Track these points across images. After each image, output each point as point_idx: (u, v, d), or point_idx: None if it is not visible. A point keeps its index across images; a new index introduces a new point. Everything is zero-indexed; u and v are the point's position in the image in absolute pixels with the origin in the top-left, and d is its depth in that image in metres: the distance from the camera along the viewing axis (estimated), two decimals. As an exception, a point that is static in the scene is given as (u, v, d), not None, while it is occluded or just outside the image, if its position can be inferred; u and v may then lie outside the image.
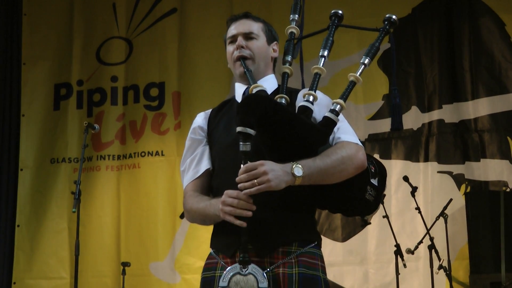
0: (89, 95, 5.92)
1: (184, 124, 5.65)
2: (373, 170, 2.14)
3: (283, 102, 2.15)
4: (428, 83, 5.43)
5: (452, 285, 4.64)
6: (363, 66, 2.19)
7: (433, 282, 4.64)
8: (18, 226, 5.69)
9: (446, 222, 4.76)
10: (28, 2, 6.07)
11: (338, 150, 2.06)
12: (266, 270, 2.02)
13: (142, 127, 5.81)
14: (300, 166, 1.98)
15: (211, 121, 2.32)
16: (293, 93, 2.22)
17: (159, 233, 5.57)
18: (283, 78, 2.23)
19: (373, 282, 5.22)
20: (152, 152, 5.74)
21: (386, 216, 4.80)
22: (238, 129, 1.96)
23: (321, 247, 2.16)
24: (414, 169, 5.29)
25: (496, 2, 5.40)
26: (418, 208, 4.80)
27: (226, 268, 2.02)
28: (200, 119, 2.34)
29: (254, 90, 2.17)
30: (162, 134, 5.78)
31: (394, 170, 5.29)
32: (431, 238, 4.68)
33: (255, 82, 2.21)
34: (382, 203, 4.78)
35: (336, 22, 2.29)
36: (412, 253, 4.70)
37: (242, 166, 1.97)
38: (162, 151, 5.72)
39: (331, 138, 2.12)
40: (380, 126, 5.41)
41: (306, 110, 2.11)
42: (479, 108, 5.31)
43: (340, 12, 2.30)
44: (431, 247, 4.65)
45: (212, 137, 2.28)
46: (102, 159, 5.79)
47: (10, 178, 5.81)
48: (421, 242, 4.74)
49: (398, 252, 4.71)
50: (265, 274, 1.98)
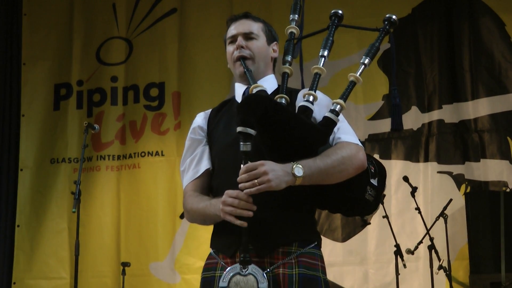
0: (89, 95, 5.92)
1: (184, 124, 5.65)
2: (372, 170, 2.14)
3: (283, 102, 2.15)
4: (428, 83, 5.43)
5: (452, 285, 4.63)
6: (363, 66, 2.19)
7: (433, 282, 4.63)
8: (18, 226, 5.69)
9: (446, 222, 4.76)
10: (28, 2, 6.06)
11: (338, 150, 2.06)
12: (266, 271, 2.02)
13: (142, 127, 5.81)
14: (300, 166, 1.98)
15: (211, 121, 2.31)
16: (293, 93, 2.22)
17: (159, 233, 5.57)
18: (283, 78, 2.23)
19: (373, 282, 5.22)
20: (152, 152, 5.74)
21: (386, 216, 4.80)
22: (239, 129, 1.95)
23: (321, 247, 2.16)
24: (414, 169, 5.29)
25: (496, 2, 5.40)
26: (418, 208, 4.80)
27: (226, 268, 2.02)
28: (199, 119, 2.33)
29: (254, 90, 2.17)
30: (162, 134, 5.78)
31: (394, 170, 5.29)
32: (431, 238, 4.67)
33: (255, 82, 2.21)
34: (382, 203, 4.77)
35: (336, 22, 2.29)
36: (412, 253, 4.70)
37: (242, 166, 1.96)
38: (162, 151, 5.72)
39: (331, 138, 2.12)
40: (380, 126, 5.41)
41: (306, 110, 2.10)
42: (479, 108, 5.30)
43: (340, 12, 2.30)
44: (431, 247, 4.65)
45: (212, 137, 2.28)
46: (102, 159, 5.79)
47: (10, 178, 5.81)
48: (421, 242, 4.73)
49: (398, 252, 4.70)
50: (265, 275, 1.98)
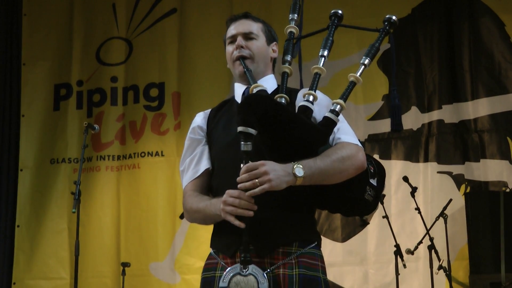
0: (89, 96, 5.92)
1: (184, 124, 5.65)
2: (372, 170, 2.14)
3: (283, 101, 2.15)
4: (428, 84, 5.43)
5: (452, 285, 4.63)
6: (363, 67, 2.19)
7: (433, 282, 4.63)
8: (18, 226, 5.69)
9: (446, 223, 4.76)
10: (28, 3, 6.06)
11: (339, 150, 2.06)
12: (266, 271, 2.02)
13: (142, 128, 5.81)
14: (301, 166, 1.97)
15: (211, 120, 2.31)
16: (292, 92, 2.22)
17: (159, 233, 5.57)
18: (283, 77, 2.23)
19: (373, 283, 5.22)
20: (152, 152, 5.74)
21: (386, 216, 4.80)
22: (239, 128, 1.95)
23: (321, 247, 2.16)
24: (414, 169, 5.29)
25: (495, 2, 5.40)
26: (418, 208, 4.80)
27: (226, 268, 2.02)
28: (199, 119, 2.33)
29: (254, 90, 2.17)
30: (162, 134, 5.77)
31: (394, 170, 5.29)
32: (431, 239, 4.67)
33: (255, 82, 2.20)
34: (382, 204, 4.78)
35: (336, 22, 2.29)
36: (412, 253, 4.70)
37: (242, 165, 1.96)
38: (162, 152, 5.72)
39: (331, 138, 2.12)
40: (380, 127, 5.41)
41: (306, 110, 2.10)
42: (479, 108, 5.30)
43: (340, 12, 2.29)
44: (431, 248, 4.65)
45: (211, 136, 2.28)
46: (102, 160, 5.78)
47: (10, 178, 5.80)
48: (420, 242, 4.73)
49: (398, 252, 4.70)
50: (265, 275, 1.97)
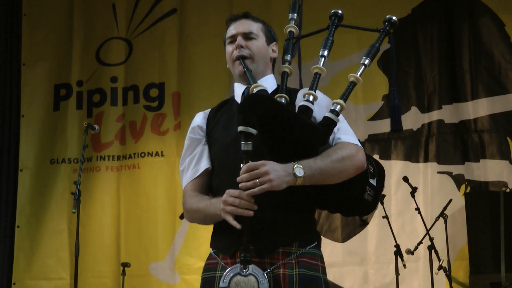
0: (89, 96, 5.92)
1: (184, 124, 5.64)
2: (371, 170, 2.14)
3: (283, 101, 2.15)
4: (427, 84, 5.43)
5: (452, 285, 4.63)
6: (363, 67, 2.19)
7: (433, 282, 4.63)
8: (18, 226, 5.69)
9: (446, 223, 4.75)
10: (28, 3, 6.06)
11: (339, 150, 2.06)
12: (266, 271, 2.02)
13: (142, 128, 5.81)
14: (301, 166, 1.97)
15: (210, 120, 2.31)
16: (292, 92, 2.22)
17: (159, 233, 5.57)
18: (283, 77, 2.22)
19: (373, 283, 5.22)
20: (152, 152, 5.74)
21: (386, 216, 4.80)
22: (240, 128, 1.95)
23: (321, 247, 2.16)
24: (414, 169, 5.28)
25: (495, 2, 5.40)
26: (418, 208, 4.80)
27: (227, 268, 2.01)
28: (199, 119, 2.33)
29: (255, 89, 2.16)
30: (162, 134, 5.77)
31: (394, 170, 5.29)
32: (431, 239, 4.67)
33: (255, 81, 2.20)
34: (382, 204, 4.79)
35: (336, 22, 2.28)
36: (412, 253, 4.70)
37: (242, 165, 1.96)
38: (162, 152, 5.72)
39: (331, 138, 2.11)
40: (380, 127, 5.41)
41: (307, 110, 2.10)
42: (479, 108, 5.30)
43: (340, 12, 2.29)
44: (431, 248, 4.65)
45: (211, 136, 2.27)
46: (102, 160, 5.78)
47: (10, 178, 5.81)
48: (420, 242, 4.73)
49: (398, 252, 4.70)
50: (265, 275, 1.97)
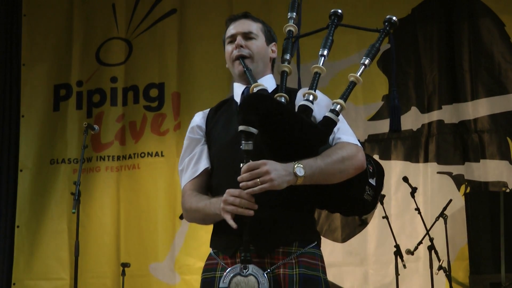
0: (88, 96, 5.92)
1: (183, 124, 5.64)
2: (371, 170, 2.14)
3: (283, 101, 2.15)
4: (427, 84, 5.43)
5: (452, 285, 4.63)
6: (363, 67, 2.18)
7: (432, 282, 4.63)
8: (18, 227, 5.69)
9: (445, 223, 4.75)
10: (28, 3, 6.06)
11: (339, 150, 2.06)
12: (266, 271, 2.02)
13: (141, 128, 5.81)
14: (301, 165, 1.97)
15: (210, 120, 2.30)
16: (291, 92, 2.21)
17: (159, 233, 5.57)
18: (282, 76, 2.22)
19: (372, 283, 5.22)
20: (151, 153, 5.74)
21: (386, 216, 4.80)
22: (241, 127, 1.94)
23: (320, 247, 2.15)
24: (413, 169, 5.28)
25: (495, 2, 5.40)
26: (417, 208, 4.80)
27: (226, 269, 2.01)
28: (198, 118, 2.33)
29: (255, 89, 2.16)
30: (161, 135, 5.77)
31: (393, 170, 5.29)
32: (431, 239, 4.67)
33: (255, 81, 2.20)
34: (382, 204, 4.79)
35: (335, 21, 2.28)
36: (411, 253, 4.70)
37: (242, 165, 1.95)
38: (162, 152, 5.72)
39: (331, 138, 2.11)
40: (380, 127, 5.41)
41: (307, 110, 2.10)
42: (479, 108, 5.30)
43: (339, 11, 2.29)
44: (431, 248, 4.65)
45: (210, 136, 2.27)
46: (102, 160, 5.78)
47: (10, 179, 5.80)
48: (420, 242, 4.73)
49: (398, 252, 4.70)
50: (265, 275, 1.97)
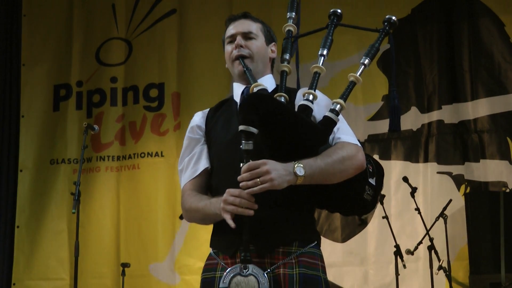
0: (88, 96, 5.92)
1: (183, 125, 5.64)
2: (371, 170, 2.14)
3: (283, 101, 2.15)
4: (427, 84, 5.43)
5: (451, 285, 4.63)
6: (363, 67, 2.18)
7: (432, 282, 4.63)
8: (18, 227, 5.68)
9: (445, 223, 4.76)
10: (27, 3, 6.06)
11: (339, 150, 2.06)
12: (266, 271, 2.02)
13: (141, 128, 5.81)
14: (301, 165, 1.97)
15: (209, 120, 2.30)
16: (291, 92, 2.21)
17: (159, 234, 5.57)
18: (282, 76, 2.22)
19: (372, 283, 5.22)
20: (151, 153, 5.74)
21: (386, 216, 4.80)
22: (241, 127, 1.94)
23: (320, 247, 2.15)
24: (413, 169, 5.29)
25: (495, 2, 5.40)
26: (417, 208, 4.80)
27: (227, 269, 2.01)
28: (197, 118, 2.32)
29: (255, 89, 2.16)
30: (161, 135, 5.77)
31: (393, 170, 5.29)
32: (431, 239, 4.67)
33: (255, 81, 2.20)
34: (382, 204, 4.79)
35: (335, 21, 2.28)
36: (411, 253, 4.70)
37: (242, 164, 1.95)
38: (162, 152, 5.72)
39: (331, 138, 2.11)
40: (379, 127, 5.41)
41: (306, 109, 2.10)
42: (479, 108, 5.31)
43: (338, 11, 2.29)
44: (431, 248, 4.65)
45: (210, 136, 2.27)
46: (102, 160, 5.78)
47: (10, 179, 5.80)
48: (420, 242, 4.73)
49: (398, 252, 4.70)
50: (265, 275, 1.96)
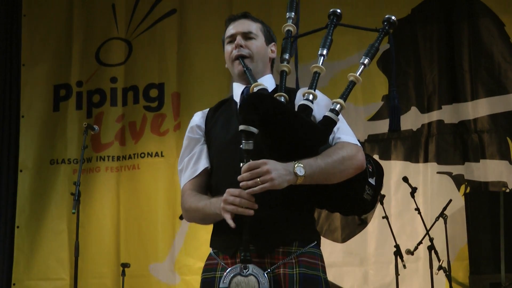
0: (88, 96, 5.92)
1: (183, 125, 5.64)
2: (370, 170, 2.14)
3: (283, 100, 2.15)
4: (427, 84, 5.42)
5: (451, 285, 4.63)
6: (363, 66, 2.18)
7: (432, 283, 4.63)
8: (18, 227, 5.69)
9: (445, 223, 4.75)
10: (27, 3, 6.06)
11: (339, 150, 2.05)
12: (266, 271, 2.02)
13: (141, 128, 5.81)
14: (302, 165, 1.97)
15: (209, 120, 2.30)
16: (291, 92, 2.21)
17: (159, 234, 5.57)
18: (282, 76, 2.22)
19: (372, 283, 5.22)
20: (151, 153, 5.74)
21: (386, 217, 4.80)
22: (241, 127, 1.94)
23: (320, 247, 2.15)
24: (413, 169, 5.28)
25: (495, 2, 5.40)
26: (417, 208, 4.80)
27: (227, 269, 2.01)
28: (197, 118, 2.32)
29: (255, 88, 2.16)
30: (161, 135, 5.77)
31: (393, 170, 5.29)
32: (431, 239, 4.67)
33: (256, 81, 2.19)
34: (382, 204, 4.79)
35: (334, 21, 2.28)
36: (411, 254, 4.70)
37: (242, 164, 1.95)
38: (162, 152, 5.72)
39: (331, 138, 2.11)
40: (379, 127, 5.41)
41: (306, 109, 2.10)
42: (479, 108, 5.30)
43: (338, 11, 2.29)
44: (431, 248, 4.65)
45: (210, 136, 2.27)
46: (102, 160, 5.78)
47: (10, 179, 5.80)
48: (420, 242, 4.73)
49: (398, 253, 4.70)
50: (266, 275, 1.96)
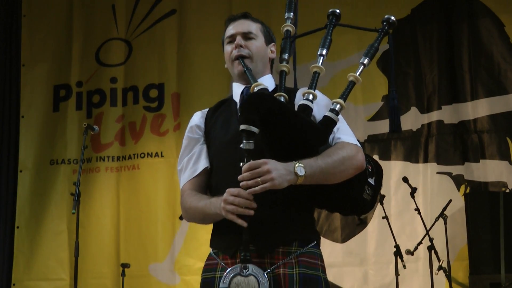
0: (88, 97, 5.92)
1: (183, 125, 5.64)
2: (370, 170, 2.14)
3: (283, 100, 2.15)
4: (427, 84, 5.43)
5: (451, 286, 4.63)
6: (362, 66, 2.19)
7: (432, 283, 4.63)
8: (18, 227, 5.69)
9: (445, 223, 4.75)
10: (27, 3, 6.06)
11: (339, 150, 2.06)
12: (266, 271, 2.02)
13: (141, 128, 5.81)
14: (302, 165, 1.97)
15: (208, 120, 2.31)
16: (291, 92, 2.21)
17: (159, 234, 5.57)
18: (281, 76, 2.22)
19: (372, 283, 5.22)
20: (151, 153, 5.74)
21: (386, 217, 4.80)
22: (242, 127, 1.94)
23: (320, 246, 2.15)
24: (413, 170, 5.28)
25: (495, 3, 5.40)
26: (417, 209, 4.80)
27: (226, 269, 2.01)
28: (197, 118, 2.33)
29: (255, 88, 2.16)
30: (161, 135, 5.77)
31: (393, 171, 5.29)
32: (431, 239, 4.67)
33: (256, 81, 2.20)
34: (382, 204, 4.79)
35: (333, 21, 2.28)
36: (411, 254, 4.70)
37: (242, 164, 1.95)
38: (162, 152, 5.72)
39: (331, 138, 2.12)
40: (379, 127, 5.41)
41: (306, 109, 2.10)
42: (479, 109, 5.31)
43: (337, 11, 2.29)
44: (431, 248, 4.65)
45: (209, 136, 2.27)
46: (102, 161, 5.78)
47: (10, 179, 5.80)
48: (420, 243, 4.73)
49: (398, 253, 4.70)
50: (265, 275, 1.96)
